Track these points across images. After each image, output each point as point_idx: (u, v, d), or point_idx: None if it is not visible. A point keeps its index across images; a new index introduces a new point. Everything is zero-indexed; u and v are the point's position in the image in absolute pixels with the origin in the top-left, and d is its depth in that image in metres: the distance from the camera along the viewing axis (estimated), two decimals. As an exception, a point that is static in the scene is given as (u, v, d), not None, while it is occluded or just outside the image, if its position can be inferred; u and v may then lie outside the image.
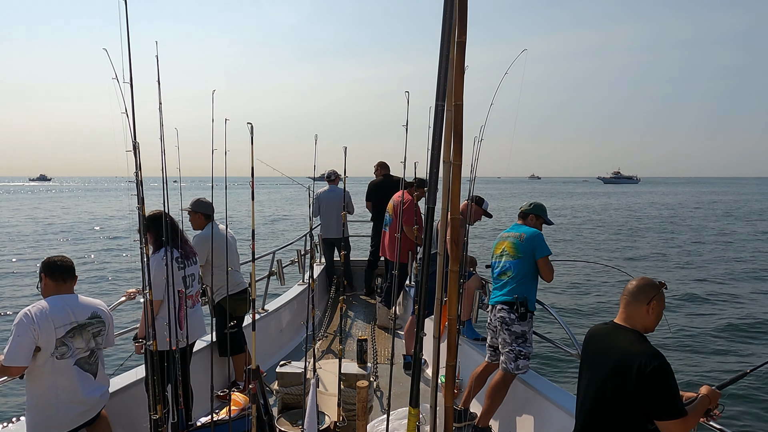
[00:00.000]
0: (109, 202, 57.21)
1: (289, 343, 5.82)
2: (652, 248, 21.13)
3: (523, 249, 3.70)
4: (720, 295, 12.90)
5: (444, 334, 2.17)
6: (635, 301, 2.24)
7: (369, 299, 7.45)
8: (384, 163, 7.40)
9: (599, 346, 2.32)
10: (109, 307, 3.09)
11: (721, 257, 18.97)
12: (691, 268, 16.61)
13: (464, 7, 1.63)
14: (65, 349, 2.69)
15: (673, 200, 62.84)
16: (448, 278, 1.90)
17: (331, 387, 3.96)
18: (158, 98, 2.41)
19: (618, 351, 2.17)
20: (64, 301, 2.75)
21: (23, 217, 36.28)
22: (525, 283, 3.69)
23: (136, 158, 2.36)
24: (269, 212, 40.76)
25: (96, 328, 2.85)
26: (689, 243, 22.73)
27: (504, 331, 3.69)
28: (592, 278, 14.43)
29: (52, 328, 2.64)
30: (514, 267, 3.72)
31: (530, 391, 3.71)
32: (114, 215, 37.14)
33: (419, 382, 1.83)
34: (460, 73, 1.69)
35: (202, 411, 3.83)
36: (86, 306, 2.84)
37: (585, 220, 34.33)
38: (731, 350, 8.93)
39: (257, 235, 18.41)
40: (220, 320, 4.25)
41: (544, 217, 3.89)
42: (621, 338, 2.22)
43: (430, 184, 1.71)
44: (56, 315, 2.67)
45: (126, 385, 3.43)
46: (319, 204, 7.36)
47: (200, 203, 4.20)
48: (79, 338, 2.75)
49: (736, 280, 14.78)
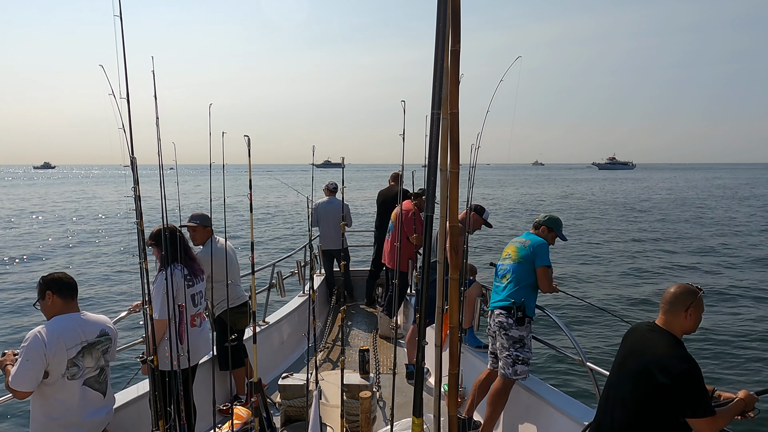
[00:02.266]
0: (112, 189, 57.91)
1: (290, 355, 5.79)
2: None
3: (524, 255, 3.73)
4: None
5: (446, 343, 2.16)
6: (673, 308, 2.34)
7: (370, 309, 7.43)
8: (396, 174, 7.42)
9: (635, 346, 2.41)
10: (113, 321, 3.08)
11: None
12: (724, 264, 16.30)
13: (457, 16, 1.65)
14: (76, 370, 2.66)
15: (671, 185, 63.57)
16: (449, 286, 1.90)
17: (333, 398, 3.93)
18: (155, 113, 2.41)
19: (651, 352, 2.28)
20: (73, 321, 2.70)
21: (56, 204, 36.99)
22: (524, 289, 3.69)
23: (134, 173, 2.36)
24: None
25: (105, 346, 2.83)
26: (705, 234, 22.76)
27: (502, 335, 3.69)
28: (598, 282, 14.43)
29: (64, 350, 2.60)
30: (513, 271, 3.74)
31: (534, 397, 3.70)
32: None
33: (422, 391, 1.82)
34: (455, 81, 1.70)
35: (205, 426, 3.80)
36: (94, 324, 2.81)
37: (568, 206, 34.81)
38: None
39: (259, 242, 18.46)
40: (220, 334, 4.24)
41: (557, 231, 3.85)
42: (657, 340, 2.32)
43: (428, 192, 1.72)
44: (67, 336, 2.63)
45: (128, 401, 3.41)
46: (317, 216, 7.36)
47: (203, 216, 4.15)
48: (89, 357, 2.72)
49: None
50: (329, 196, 7.41)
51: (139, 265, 2.53)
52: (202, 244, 4.17)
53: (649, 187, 58.26)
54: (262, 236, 22.46)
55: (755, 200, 40.57)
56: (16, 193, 52.80)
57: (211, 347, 3.77)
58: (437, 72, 1.64)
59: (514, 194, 50.55)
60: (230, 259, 4.25)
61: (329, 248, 7.44)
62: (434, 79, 1.65)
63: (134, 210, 2.43)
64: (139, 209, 2.44)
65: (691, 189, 55.70)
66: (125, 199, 2.43)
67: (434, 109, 1.67)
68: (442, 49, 1.63)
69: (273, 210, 34.62)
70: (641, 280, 13.74)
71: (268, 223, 27.55)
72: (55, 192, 54.25)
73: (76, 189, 59.40)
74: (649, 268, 15.23)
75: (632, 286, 13.04)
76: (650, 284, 13.15)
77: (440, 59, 1.64)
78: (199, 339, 3.50)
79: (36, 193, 52.11)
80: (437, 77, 1.64)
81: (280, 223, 27.49)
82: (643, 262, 16.08)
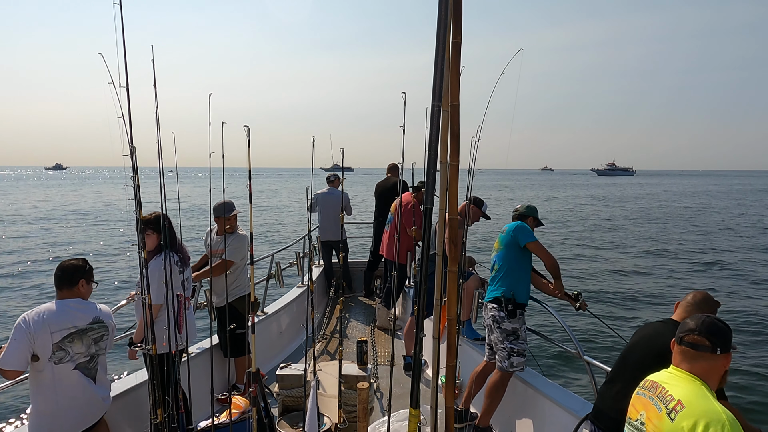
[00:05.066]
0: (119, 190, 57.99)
1: (288, 345, 5.82)
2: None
3: (505, 240, 3.79)
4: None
5: (444, 335, 2.17)
6: (695, 310, 2.35)
7: (368, 300, 7.45)
8: (393, 165, 7.40)
9: (646, 336, 2.45)
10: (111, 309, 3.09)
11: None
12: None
13: (459, 8, 1.64)
14: (63, 354, 2.68)
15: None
16: (447, 279, 1.90)
17: (331, 389, 3.95)
18: (155, 102, 2.40)
19: (662, 342, 2.25)
20: (66, 306, 2.75)
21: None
22: (511, 275, 3.72)
23: (133, 162, 2.35)
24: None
25: (98, 333, 2.84)
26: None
27: (495, 329, 3.73)
28: (595, 277, 14.46)
29: (48, 333, 2.64)
30: (499, 260, 3.81)
31: (531, 390, 3.72)
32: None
33: (419, 383, 1.83)
34: (455, 73, 1.69)
35: (203, 415, 3.82)
36: (88, 311, 2.83)
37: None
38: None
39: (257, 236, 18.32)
40: (232, 322, 4.28)
41: (534, 216, 3.97)
42: (670, 333, 2.29)
43: (428, 184, 1.71)
44: (54, 320, 2.67)
45: (125, 390, 3.42)
46: (316, 204, 7.37)
47: (230, 205, 4.33)
48: (78, 343, 2.74)
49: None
50: (330, 187, 7.42)
51: (138, 254, 2.54)
52: (232, 230, 4.42)
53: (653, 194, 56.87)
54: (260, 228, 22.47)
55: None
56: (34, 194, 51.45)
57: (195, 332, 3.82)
58: (438, 64, 1.63)
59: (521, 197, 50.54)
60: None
61: (328, 239, 7.45)
62: (435, 71, 1.64)
63: (133, 199, 2.43)
64: (138, 198, 2.43)
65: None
66: (126, 189, 2.43)
67: (434, 101, 1.66)
68: (443, 41, 1.62)
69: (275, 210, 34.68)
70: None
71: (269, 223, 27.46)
72: (68, 193, 53.48)
73: (89, 191, 58.43)
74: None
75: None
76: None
77: (441, 51, 1.63)
78: (191, 323, 3.63)
79: (57, 193, 51.58)
80: (438, 69, 1.63)
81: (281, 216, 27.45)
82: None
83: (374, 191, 7.38)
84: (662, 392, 1.85)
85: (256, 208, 34.18)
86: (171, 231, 3.42)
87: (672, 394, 1.80)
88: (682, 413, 1.72)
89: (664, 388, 1.86)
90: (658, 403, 1.84)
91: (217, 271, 4.30)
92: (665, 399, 1.82)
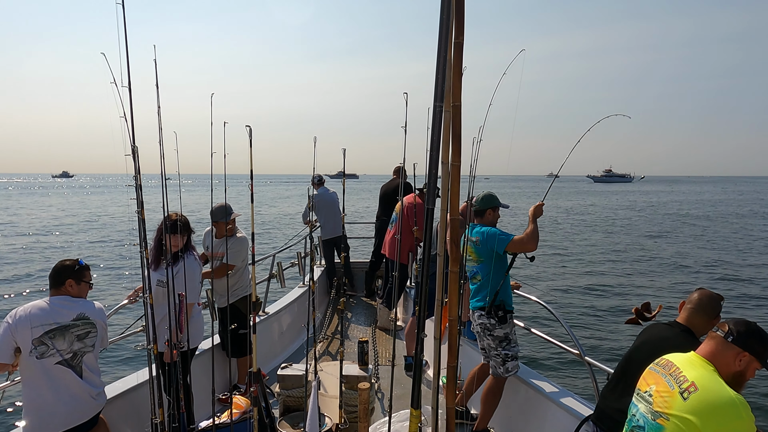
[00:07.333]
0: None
1: (290, 345, 5.82)
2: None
3: (483, 252, 3.65)
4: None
5: (445, 335, 2.17)
6: (700, 311, 2.35)
7: (369, 301, 7.45)
8: (399, 168, 7.44)
9: (652, 337, 2.44)
10: (111, 309, 3.09)
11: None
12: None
13: (461, 8, 1.64)
14: (44, 349, 2.70)
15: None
16: (448, 279, 1.90)
17: (332, 389, 3.95)
18: (157, 102, 2.40)
19: (669, 344, 2.26)
20: (51, 303, 2.81)
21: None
22: (496, 284, 3.63)
23: (135, 162, 2.35)
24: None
25: (82, 330, 2.82)
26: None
27: (486, 336, 3.69)
28: (598, 279, 14.43)
29: (29, 328, 2.68)
30: (481, 271, 3.71)
31: (532, 391, 3.71)
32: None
33: (420, 383, 1.83)
34: (457, 73, 1.69)
35: (204, 414, 3.82)
36: (74, 308, 2.85)
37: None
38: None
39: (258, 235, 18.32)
40: (233, 322, 4.29)
41: (497, 204, 3.80)
42: (676, 335, 2.34)
43: (430, 185, 1.71)
44: (36, 315, 2.72)
45: (126, 390, 3.42)
46: (316, 205, 7.45)
47: (228, 208, 4.34)
48: (61, 339, 2.75)
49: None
50: (320, 188, 7.57)
51: (140, 254, 2.54)
52: (231, 233, 4.45)
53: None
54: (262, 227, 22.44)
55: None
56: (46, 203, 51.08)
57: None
58: (440, 64, 1.63)
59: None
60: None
61: (328, 237, 7.49)
62: (437, 71, 1.63)
63: (134, 199, 2.43)
64: (140, 198, 2.43)
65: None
66: (128, 188, 2.43)
67: (436, 101, 1.66)
68: (445, 41, 1.62)
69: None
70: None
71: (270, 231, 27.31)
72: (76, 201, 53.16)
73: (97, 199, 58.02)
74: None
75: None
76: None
77: (443, 51, 1.62)
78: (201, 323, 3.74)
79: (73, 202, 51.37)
80: (440, 69, 1.63)
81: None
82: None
83: (379, 192, 7.42)
84: (676, 371, 1.88)
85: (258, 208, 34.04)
86: (187, 230, 3.52)
87: (686, 375, 1.84)
88: (696, 395, 1.75)
89: (679, 368, 1.88)
90: (670, 381, 1.87)
91: (218, 274, 4.32)
92: (678, 379, 1.85)
